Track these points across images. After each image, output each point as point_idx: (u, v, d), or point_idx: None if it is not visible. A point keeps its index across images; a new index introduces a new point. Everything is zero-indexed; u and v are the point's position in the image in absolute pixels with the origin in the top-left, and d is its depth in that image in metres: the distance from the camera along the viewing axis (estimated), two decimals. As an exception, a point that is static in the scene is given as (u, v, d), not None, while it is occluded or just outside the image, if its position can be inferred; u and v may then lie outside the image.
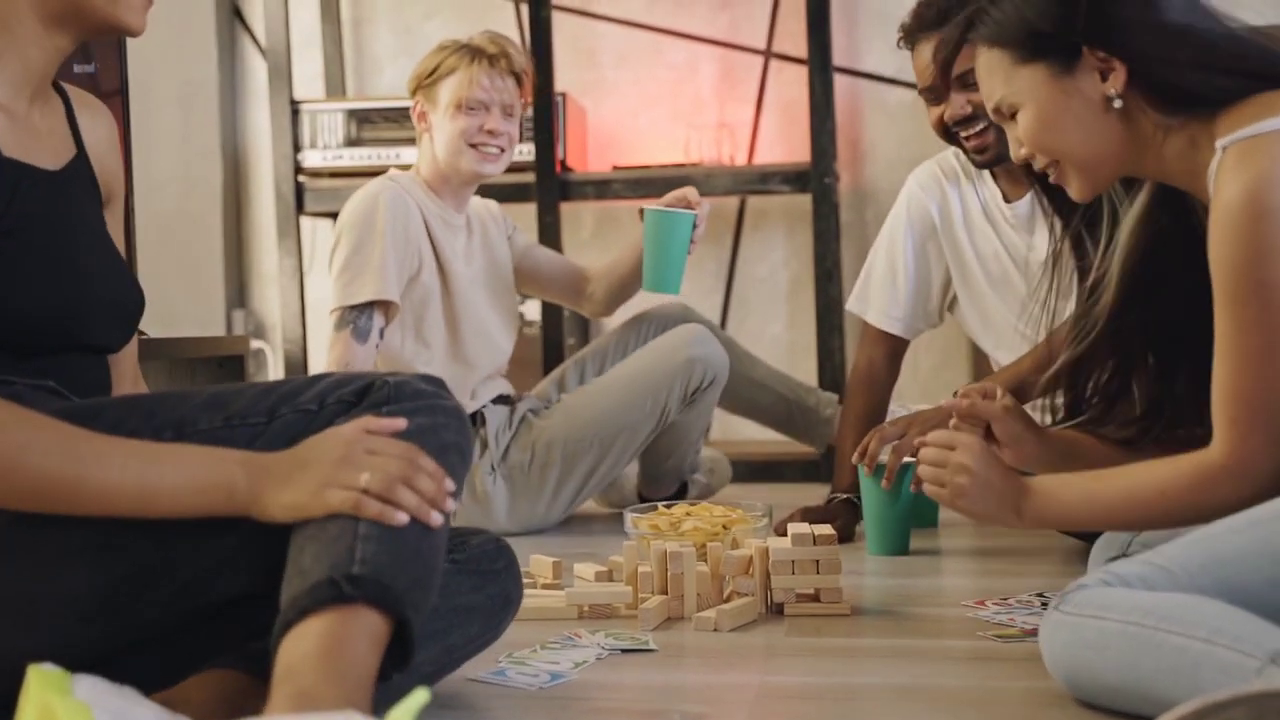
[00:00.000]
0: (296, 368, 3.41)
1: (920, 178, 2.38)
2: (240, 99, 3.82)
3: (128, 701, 1.08)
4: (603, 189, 3.28)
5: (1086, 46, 1.36)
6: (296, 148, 3.38)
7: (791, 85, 3.51)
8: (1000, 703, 1.31)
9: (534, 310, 3.57)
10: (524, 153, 3.28)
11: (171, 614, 1.15)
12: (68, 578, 1.12)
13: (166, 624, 1.15)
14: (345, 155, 3.36)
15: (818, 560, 1.68)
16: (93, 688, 1.09)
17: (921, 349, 3.39)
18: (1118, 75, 1.36)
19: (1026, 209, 2.24)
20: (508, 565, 1.38)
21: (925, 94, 2.20)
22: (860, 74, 3.52)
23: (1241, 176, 1.26)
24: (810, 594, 1.69)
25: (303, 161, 3.38)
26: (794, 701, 1.36)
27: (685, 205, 2.37)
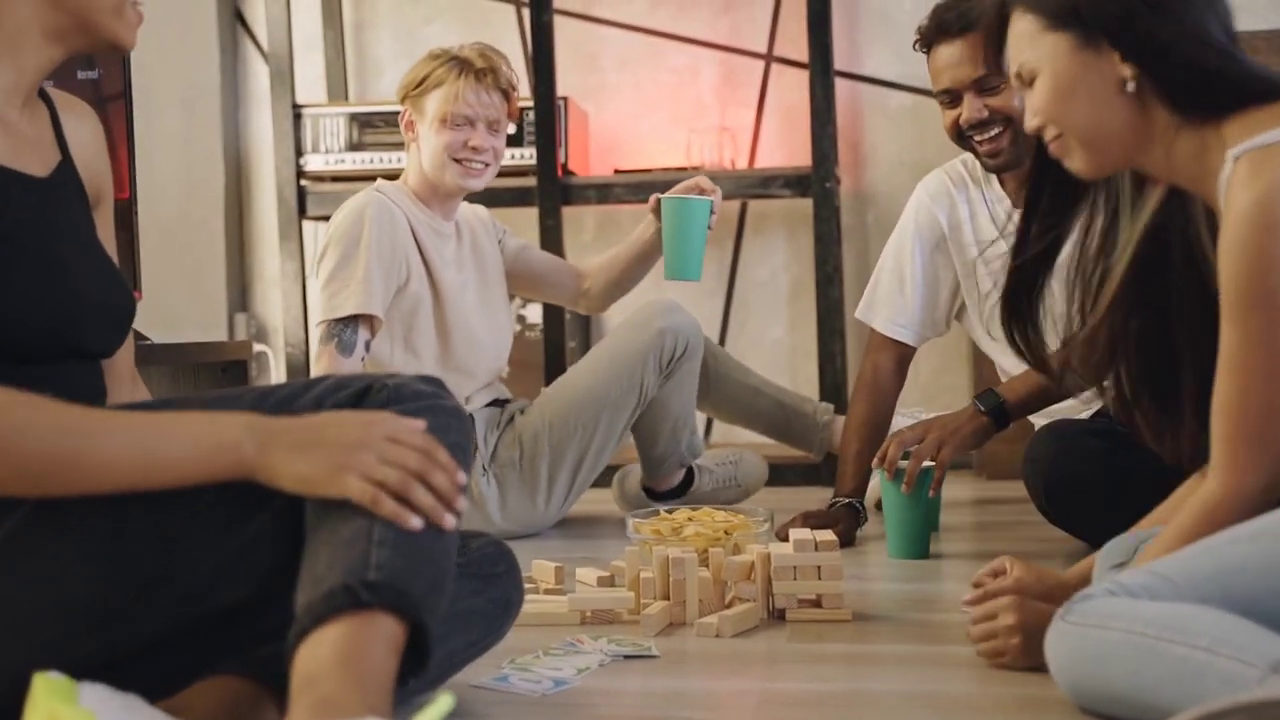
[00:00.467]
0: (299, 371, 3.41)
1: (929, 186, 2.39)
2: (242, 103, 3.82)
3: (132, 709, 1.09)
4: (604, 193, 3.28)
5: (1108, 41, 1.37)
6: (298, 151, 3.39)
7: (793, 89, 3.52)
8: (1002, 710, 1.32)
9: (535, 313, 3.57)
10: (526, 157, 3.29)
11: (172, 623, 1.14)
12: (69, 588, 1.12)
13: (167, 633, 1.15)
14: (347, 159, 3.36)
15: (819, 566, 1.68)
16: (98, 695, 1.09)
17: (922, 354, 3.36)
18: (1133, 65, 1.36)
19: None
20: (508, 569, 1.38)
21: (941, 97, 2.21)
22: (861, 78, 3.53)
23: (1254, 187, 1.27)
24: (812, 599, 1.70)
25: (305, 165, 3.39)
26: (796, 708, 1.37)
27: (699, 193, 2.40)
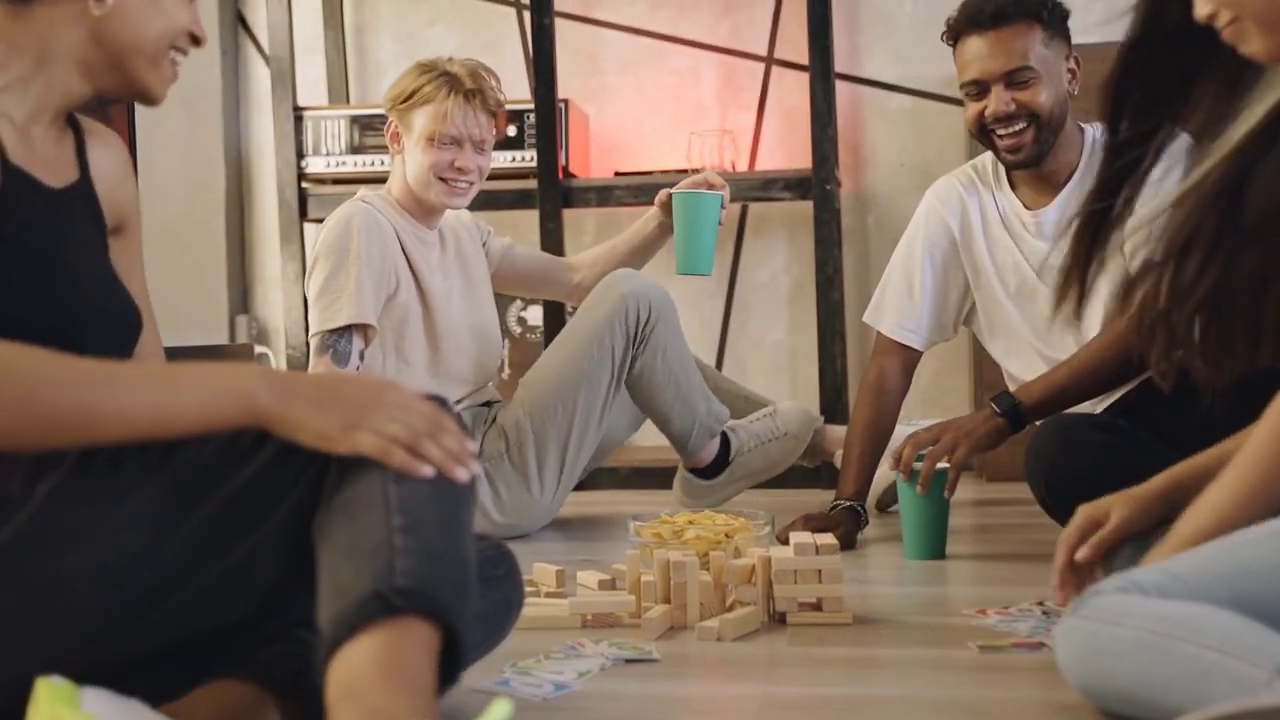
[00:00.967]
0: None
1: (939, 191, 2.40)
2: (243, 105, 3.83)
3: (134, 713, 1.09)
4: (605, 195, 3.29)
5: None
6: (299, 154, 3.39)
7: (793, 91, 3.52)
8: (1004, 714, 1.32)
9: (536, 316, 3.58)
10: (526, 159, 3.30)
11: (168, 639, 1.14)
12: (64, 598, 1.12)
13: (164, 648, 1.15)
14: (348, 161, 3.37)
15: (820, 569, 1.69)
16: (101, 700, 1.10)
17: (924, 356, 3.39)
18: None
19: (1053, 216, 2.25)
20: (508, 571, 1.38)
21: (969, 88, 2.21)
22: (862, 81, 3.53)
23: None
24: (813, 603, 1.70)
25: (306, 168, 3.39)
26: (797, 712, 1.37)
27: (708, 187, 2.41)
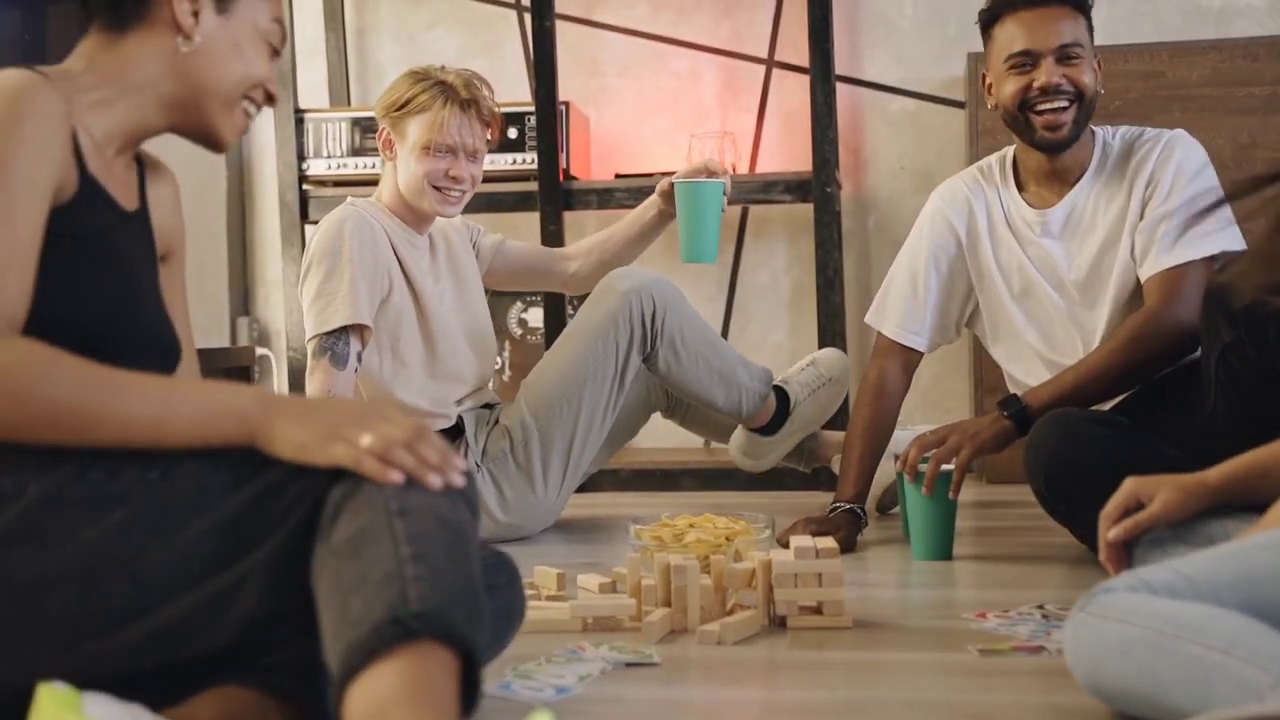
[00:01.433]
0: (301, 375, 3.41)
1: (944, 193, 2.40)
2: (244, 107, 3.83)
3: (137, 718, 1.10)
4: (605, 197, 3.29)
5: None
6: (300, 156, 3.40)
7: (794, 94, 3.52)
8: (1004, 718, 1.32)
9: (537, 318, 3.58)
10: (527, 161, 3.30)
11: (145, 661, 1.14)
12: (45, 600, 1.12)
13: (141, 670, 1.14)
14: (349, 164, 3.37)
15: (820, 573, 1.69)
16: (102, 705, 1.10)
17: (924, 359, 3.39)
18: None
19: (1061, 215, 2.25)
20: (509, 579, 1.38)
21: (1019, 58, 2.20)
22: (862, 83, 3.53)
23: None
24: (813, 607, 1.70)
25: (307, 170, 3.39)
26: (797, 716, 1.37)
27: (709, 174, 2.41)
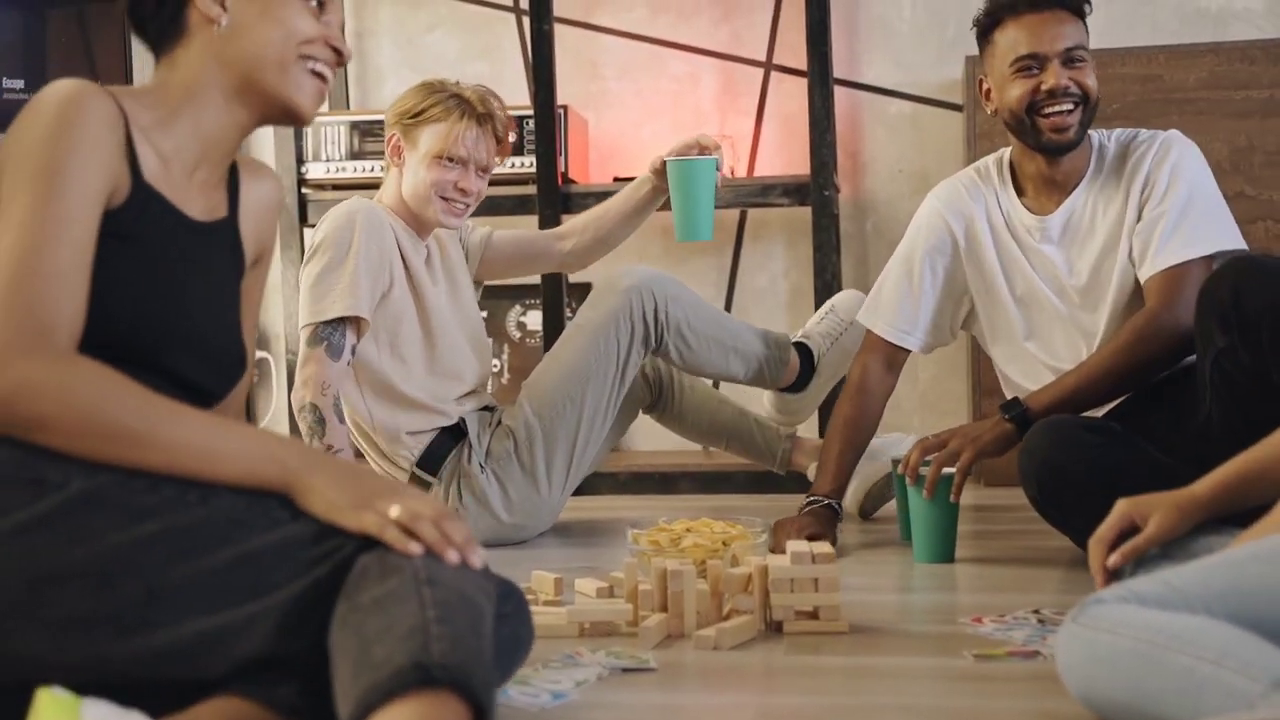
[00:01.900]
0: (299, 378, 3.42)
1: (941, 194, 2.39)
2: (243, 110, 3.83)
3: (136, 726, 1.11)
4: (604, 200, 3.28)
5: None
6: (300, 160, 3.40)
7: (792, 97, 3.53)
8: (997, 724, 1.33)
9: (535, 321, 3.59)
10: (526, 165, 3.30)
11: (139, 675, 1.15)
12: (57, 592, 1.14)
13: (138, 680, 1.16)
14: (348, 167, 3.38)
15: (816, 578, 1.69)
16: (100, 712, 1.11)
17: (921, 361, 3.40)
18: None
19: (1059, 221, 2.25)
20: (517, 608, 1.36)
21: (1026, 60, 2.18)
22: (861, 86, 3.54)
23: None
24: (809, 611, 1.71)
25: (306, 174, 3.40)
26: (793, 722, 1.38)
27: (701, 150, 2.40)
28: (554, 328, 3.21)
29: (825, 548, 1.74)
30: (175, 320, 1.36)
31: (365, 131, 3.37)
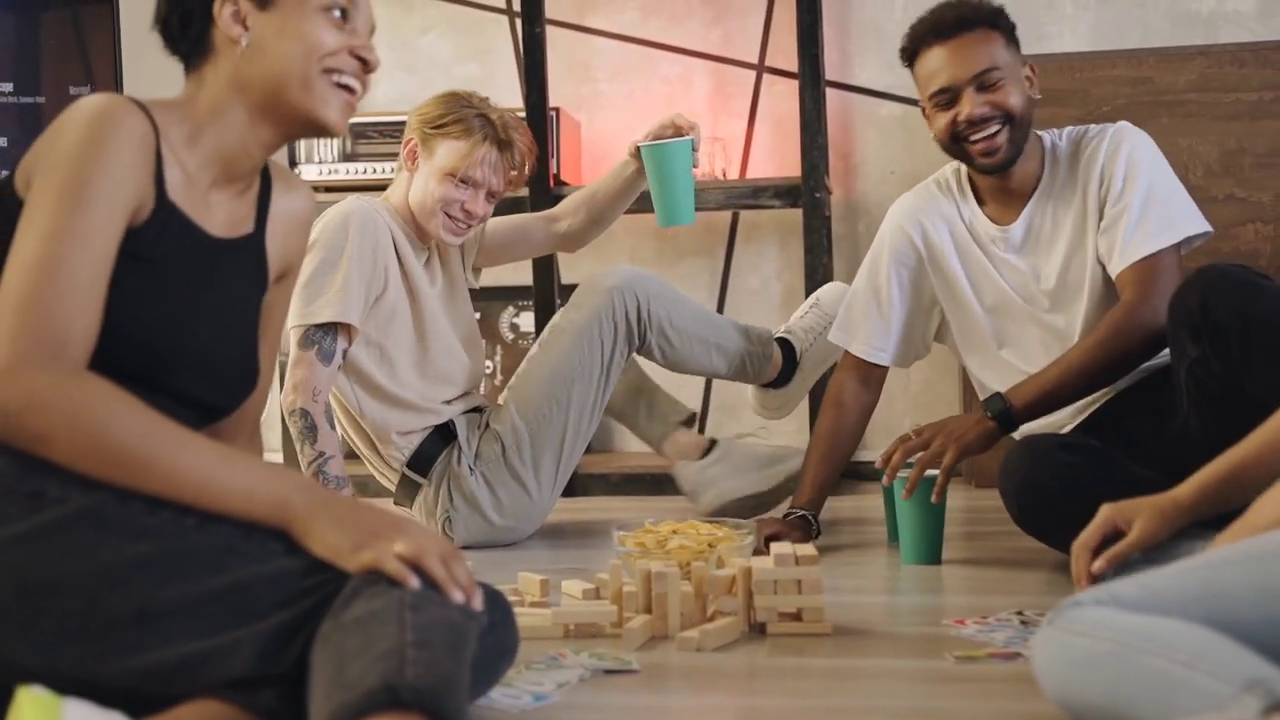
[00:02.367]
0: (292, 380, 3.42)
1: (903, 207, 2.38)
2: (237, 112, 3.84)
3: (115, 727, 1.11)
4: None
5: None
6: (292, 162, 3.41)
7: (784, 99, 3.54)
8: (975, 725, 1.34)
9: (529, 322, 3.60)
10: (518, 167, 3.31)
11: (127, 687, 1.16)
12: (49, 605, 1.15)
13: (122, 692, 1.16)
14: (341, 170, 3.39)
15: (800, 580, 1.70)
16: (81, 712, 1.11)
17: (914, 365, 3.41)
18: None
19: (1020, 232, 2.24)
20: (503, 616, 1.36)
21: (938, 97, 2.18)
22: (852, 88, 3.54)
23: None
24: (793, 613, 1.71)
25: (299, 176, 3.40)
26: (773, 723, 1.39)
27: (677, 132, 2.38)
28: (546, 329, 3.22)
29: (808, 550, 1.75)
30: (183, 339, 1.36)
31: (359, 134, 3.38)
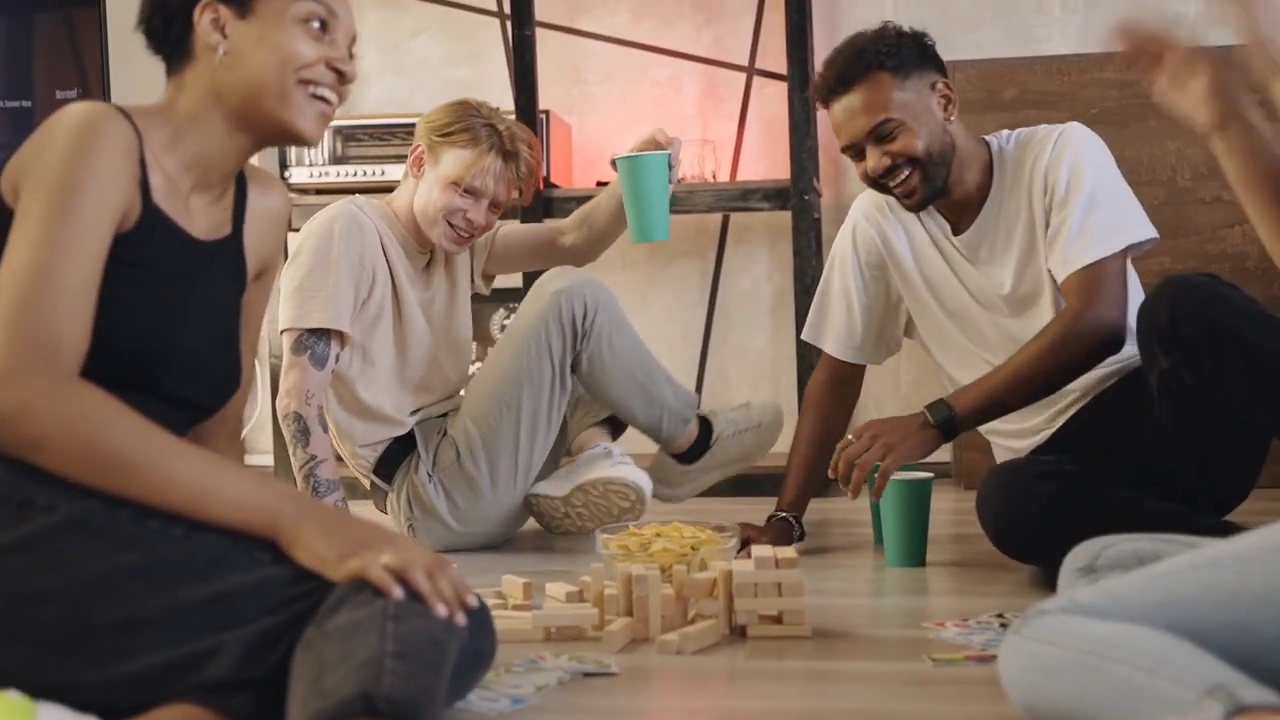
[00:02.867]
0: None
1: (862, 206, 2.36)
2: (229, 114, 3.84)
3: (90, 731, 1.12)
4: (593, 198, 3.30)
5: None
6: (283, 165, 3.41)
7: (774, 102, 3.54)
8: (949, 728, 1.34)
9: (520, 324, 3.59)
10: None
11: (114, 695, 1.17)
12: (36, 613, 1.16)
13: (109, 700, 1.17)
14: (331, 172, 3.39)
15: (780, 583, 1.71)
16: (57, 716, 1.12)
17: (903, 363, 3.42)
18: None
19: (974, 240, 2.22)
20: (481, 621, 1.36)
21: (846, 152, 2.19)
22: (842, 90, 3.54)
23: None
24: (773, 616, 1.72)
25: (289, 178, 3.41)
26: (748, 726, 1.39)
27: (655, 146, 2.33)
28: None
29: (789, 553, 1.75)
30: (171, 342, 1.38)
31: (348, 137, 3.39)
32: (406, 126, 3.30)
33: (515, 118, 3.23)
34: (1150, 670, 1.12)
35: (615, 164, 2.29)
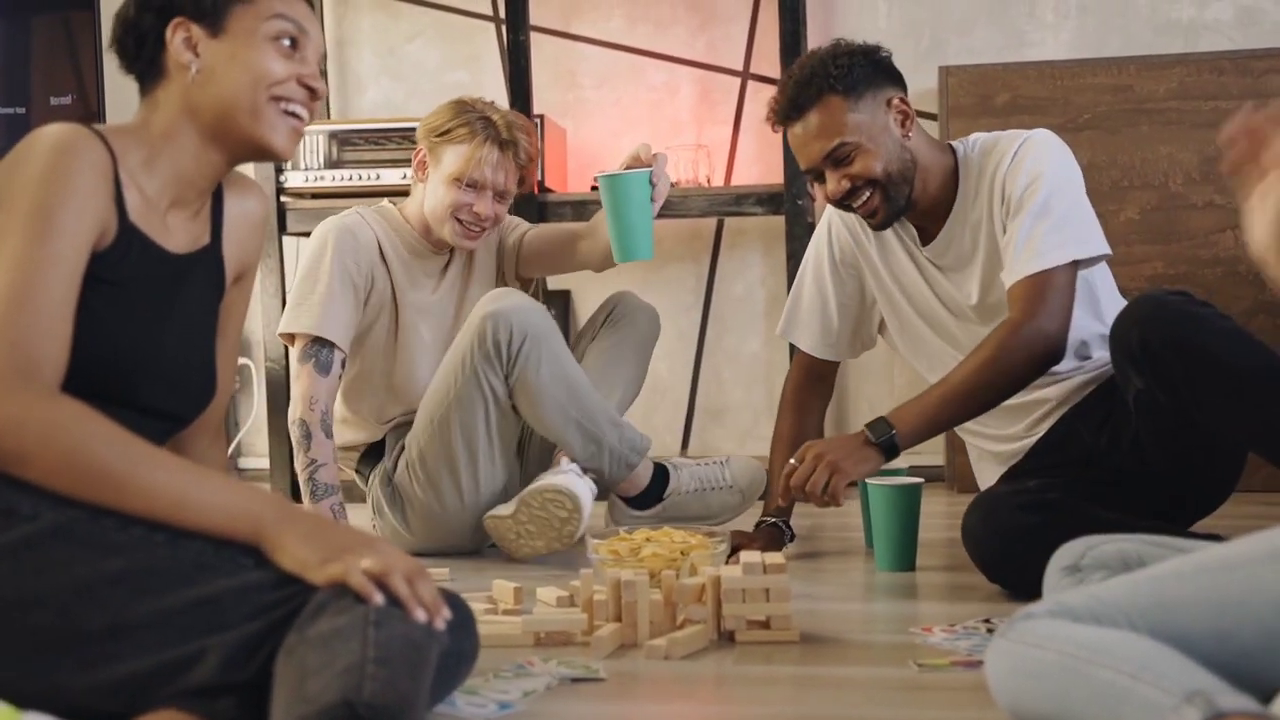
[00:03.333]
0: (279, 385, 3.44)
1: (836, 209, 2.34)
2: (225, 118, 3.85)
3: (77, 737, 1.13)
4: (581, 210, 3.31)
5: None
6: (279, 169, 3.42)
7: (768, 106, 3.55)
8: (932, 733, 1.35)
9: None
10: (503, 174, 3.32)
11: (100, 701, 1.18)
12: (24, 621, 1.17)
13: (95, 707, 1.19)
14: (327, 176, 3.39)
15: (768, 588, 1.72)
16: (43, 722, 1.13)
17: (897, 364, 3.43)
18: None
19: (941, 250, 2.21)
20: (463, 621, 1.37)
21: (806, 177, 2.18)
22: (837, 95, 3.55)
23: None
24: (761, 621, 1.73)
25: (285, 182, 3.42)
26: (734, 731, 1.40)
27: (638, 164, 2.27)
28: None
29: (776, 558, 1.76)
30: (149, 356, 1.40)
31: (344, 141, 3.39)
32: (402, 131, 3.31)
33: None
34: (1133, 675, 1.13)
35: (595, 183, 2.26)
